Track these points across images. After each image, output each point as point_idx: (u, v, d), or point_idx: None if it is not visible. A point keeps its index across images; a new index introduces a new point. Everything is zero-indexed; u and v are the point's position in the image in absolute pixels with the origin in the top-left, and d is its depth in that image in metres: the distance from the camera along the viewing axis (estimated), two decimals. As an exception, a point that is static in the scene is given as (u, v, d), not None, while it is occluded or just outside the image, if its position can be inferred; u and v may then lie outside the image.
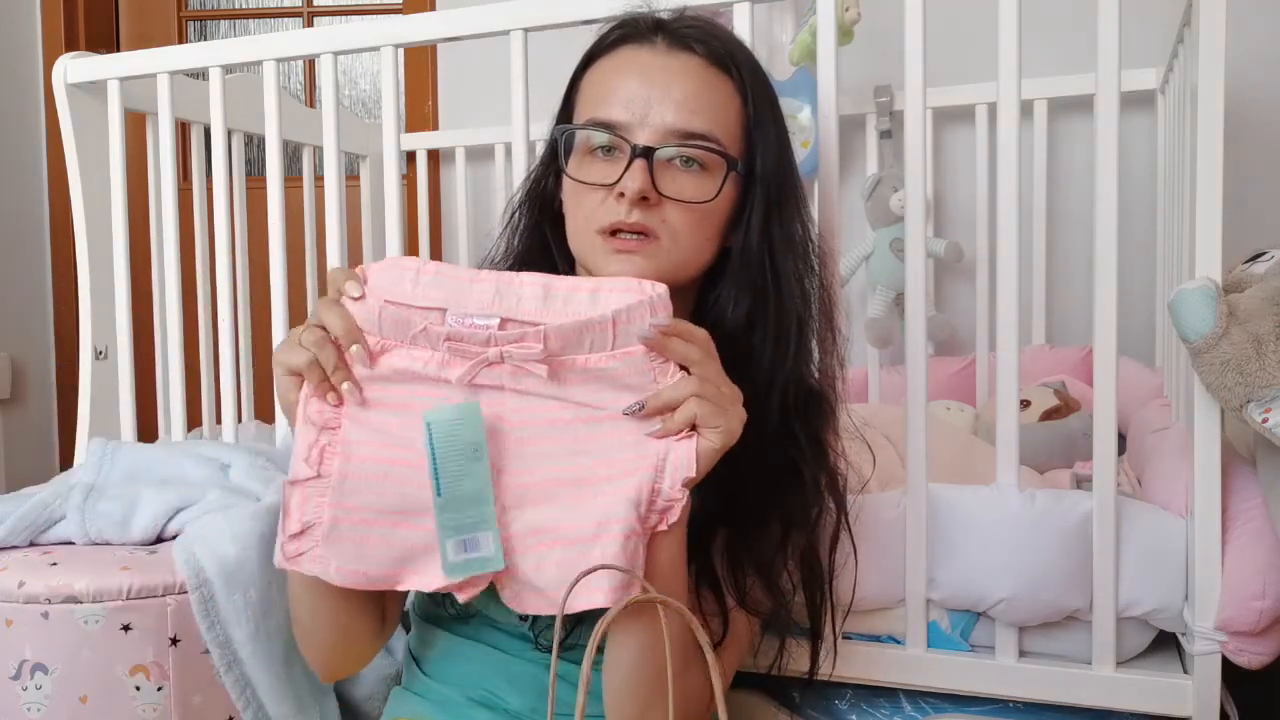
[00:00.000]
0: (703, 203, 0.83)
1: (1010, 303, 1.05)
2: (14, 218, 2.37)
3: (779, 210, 0.88)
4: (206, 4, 2.60)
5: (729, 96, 0.86)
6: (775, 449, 0.87)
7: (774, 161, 0.87)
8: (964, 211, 1.92)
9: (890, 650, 1.10)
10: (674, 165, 0.83)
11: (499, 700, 0.92)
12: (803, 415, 0.89)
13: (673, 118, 0.82)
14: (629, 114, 0.83)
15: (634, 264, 0.83)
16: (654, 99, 0.83)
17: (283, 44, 1.40)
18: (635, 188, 0.81)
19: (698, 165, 0.83)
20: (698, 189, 0.83)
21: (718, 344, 0.86)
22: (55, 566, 1.10)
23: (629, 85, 0.84)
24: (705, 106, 0.83)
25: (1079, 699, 1.04)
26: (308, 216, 1.95)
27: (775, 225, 0.87)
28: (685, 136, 0.82)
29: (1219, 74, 0.96)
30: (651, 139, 0.82)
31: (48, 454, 2.46)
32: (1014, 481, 1.06)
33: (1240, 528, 0.99)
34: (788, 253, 0.88)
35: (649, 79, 0.84)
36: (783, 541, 0.88)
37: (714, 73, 0.85)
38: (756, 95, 0.87)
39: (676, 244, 0.83)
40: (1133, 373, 1.58)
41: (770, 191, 0.87)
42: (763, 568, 0.87)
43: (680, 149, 0.82)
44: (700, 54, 0.85)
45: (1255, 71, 1.76)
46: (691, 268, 0.87)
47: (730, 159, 0.84)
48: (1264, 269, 1.01)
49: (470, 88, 2.29)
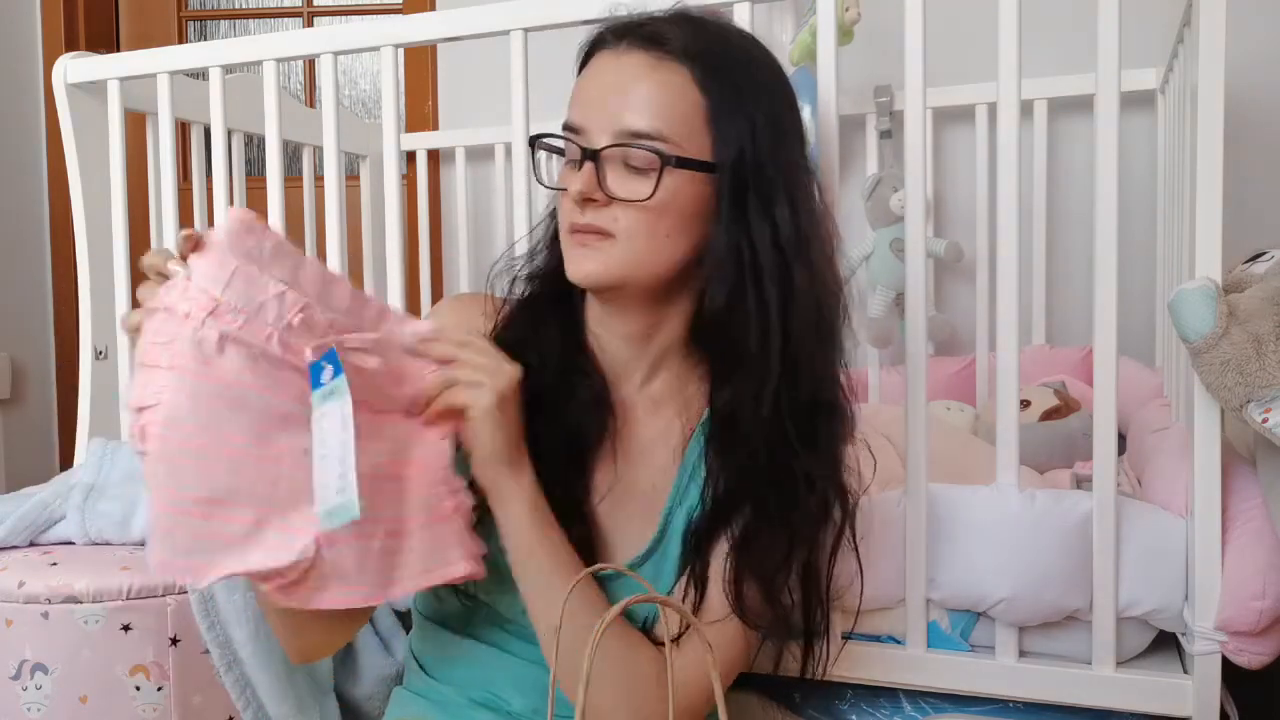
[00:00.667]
0: (642, 201, 0.82)
1: (1010, 303, 1.05)
2: (14, 218, 2.37)
3: (759, 199, 0.85)
4: (206, 4, 2.60)
5: (683, 90, 0.83)
6: (769, 451, 0.86)
7: (744, 151, 0.84)
8: (964, 211, 1.92)
9: (890, 650, 1.10)
10: (623, 165, 0.83)
11: (501, 701, 0.92)
12: (806, 423, 0.87)
13: (618, 119, 0.83)
14: (585, 119, 0.85)
15: (588, 258, 0.85)
16: (605, 101, 0.84)
17: (283, 44, 1.40)
18: (576, 190, 0.83)
19: (643, 164, 0.83)
20: (640, 188, 0.83)
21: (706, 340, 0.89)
22: (55, 566, 1.10)
23: (589, 90, 0.86)
24: (651, 105, 0.82)
25: (1079, 699, 1.04)
26: (308, 216, 1.95)
27: (754, 214, 0.84)
28: (631, 136, 0.83)
29: (1219, 74, 0.96)
30: (601, 141, 0.83)
31: (48, 454, 2.46)
32: (1014, 481, 1.06)
33: (1240, 528, 0.99)
34: (772, 246, 0.85)
35: (604, 82, 0.85)
36: (786, 555, 0.87)
37: (665, 67, 0.83)
38: (721, 85, 0.84)
39: (631, 242, 0.84)
40: (1133, 373, 1.58)
41: (741, 181, 0.84)
42: (765, 578, 0.87)
43: (622, 149, 0.83)
44: (654, 51, 0.84)
45: (1255, 71, 1.76)
46: (654, 265, 0.85)
47: (665, 156, 0.82)
48: (1264, 269, 1.01)
49: (470, 88, 2.29)
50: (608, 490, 0.91)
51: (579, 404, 0.90)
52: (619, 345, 0.92)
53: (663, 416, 0.92)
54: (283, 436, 0.73)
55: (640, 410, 0.93)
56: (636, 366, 0.92)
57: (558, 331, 0.92)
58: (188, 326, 0.70)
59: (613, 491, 0.91)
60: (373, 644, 1.29)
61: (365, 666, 1.28)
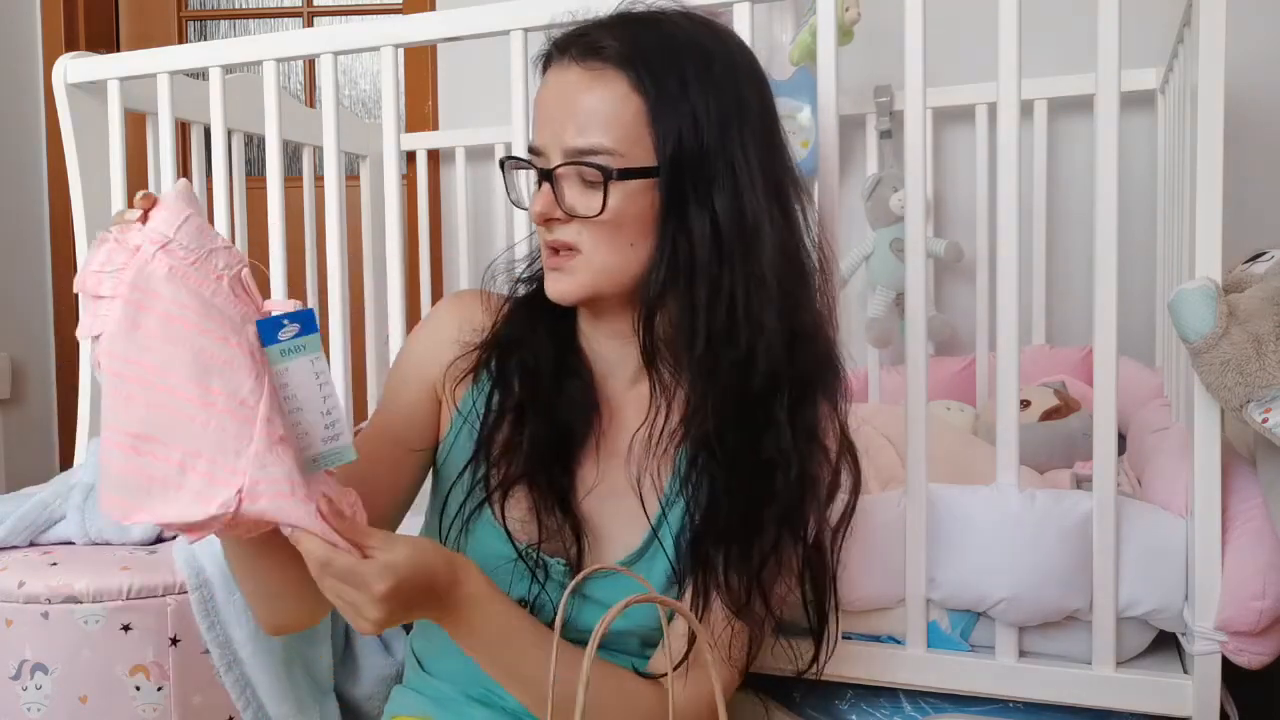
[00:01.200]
0: (594, 216, 0.83)
1: (1010, 303, 1.05)
2: (14, 218, 2.37)
3: (698, 192, 0.84)
4: (206, 4, 2.60)
5: (620, 97, 0.83)
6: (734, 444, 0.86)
7: (681, 144, 0.83)
8: (964, 211, 1.92)
9: (890, 650, 1.10)
10: (579, 181, 0.85)
11: (497, 698, 0.92)
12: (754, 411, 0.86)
13: (566, 138, 0.84)
14: (542, 138, 0.87)
15: (562, 280, 0.87)
16: (555, 121, 0.85)
17: (283, 44, 1.40)
18: (536, 210, 0.86)
19: (592, 179, 0.84)
20: (593, 203, 0.84)
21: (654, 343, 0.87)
22: (55, 566, 1.10)
23: (541, 109, 0.88)
24: (598, 118, 0.83)
25: (1079, 699, 1.04)
26: (308, 216, 1.95)
27: (692, 208, 0.83)
28: (578, 153, 0.84)
29: (1219, 74, 0.96)
30: (553, 160, 0.85)
31: (48, 454, 2.46)
32: (1014, 481, 1.06)
33: (1240, 528, 0.99)
34: (707, 239, 0.83)
35: (553, 101, 0.86)
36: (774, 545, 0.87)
37: (603, 79, 0.83)
38: (658, 83, 0.83)
39: (597, 253, 0.85)
40: (1133, 373, 1.58)
41: (683, 176, 0.84)
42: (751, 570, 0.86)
43: (575, 167, 0.84)
44: (591, 63, 0.84)
45: (1255, 71, 1.76)
46: (622, 276, 0.86)
47: (606, 169, 0.82)
48: (1264, 269, 1.01)
49: (470, 88, 2.29)
50: (594, 485, 0.91)
51: (568, 401, 0.91)
52: (608, 344, 0.93)
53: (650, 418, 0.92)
54: (218, 381, 0.71)
55: (630, 409, 0.93)
56: (624, 366, 0.93)
57: (550, 331, 0.93)
58: (138, 258, 0.70)
59: (599, 488, 0.91)
60: (373, 644, 1.29)
61: (365, 666, 1.28)
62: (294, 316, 0.75)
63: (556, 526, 0.88)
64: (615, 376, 0.94)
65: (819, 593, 0.93)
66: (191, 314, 0.71)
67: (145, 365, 0.70)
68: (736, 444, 0.86)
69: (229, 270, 0.73)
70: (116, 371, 0.71)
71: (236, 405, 0.71)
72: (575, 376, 0.93)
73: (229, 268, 0.73)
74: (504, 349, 0.93)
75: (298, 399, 0.75)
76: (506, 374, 0.92)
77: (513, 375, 0.91)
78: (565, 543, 0.89)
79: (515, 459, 0.89)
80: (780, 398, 0.86)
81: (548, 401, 0.90)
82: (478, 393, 0.93)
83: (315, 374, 0.76)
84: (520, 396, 0.90)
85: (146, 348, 0.70)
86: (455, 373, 0.93)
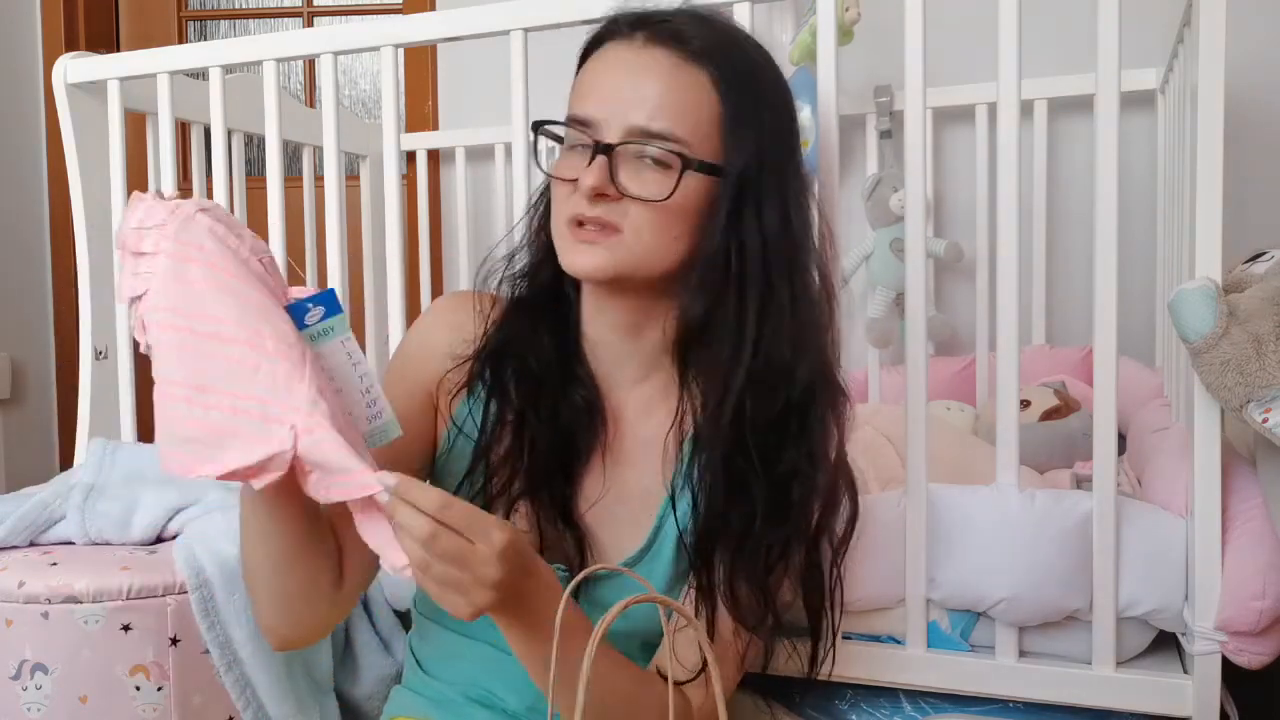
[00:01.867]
0: (660, 200, 0.82)
1: (1010, 303, 1.05)
2: (14, 218, 2.37)
3: (757, 209, 0.85)
4: (206, 4, 2.60)
5: (701, 94, 0.84)
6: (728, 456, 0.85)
7: (749, 160, 0.84)
8: (964, 211, 1.92)
9: (890, 650, 1.10)
10: (639, 162, 0.83)
11: (497, 700, 0.92)
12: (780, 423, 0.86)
13: (636, 116, 0.82)
14: (598, 111, 0.84)
15: (594, 254, 0.83)
16: (621, 96, 0.83)
17: (283, 44, 1.40)
18: (589, 184, 0.82)
19: (660, 163, 0.83)
20: (656, 187, 0.82)
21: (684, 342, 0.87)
22: (55, 566, 1.10)
23: (602, 82, 0.85)
24: (672, 105, 0.82)
25: (1079, 699, 1.04)
26: (308, 216, 1.95)
27: (749, 224, 0.85)
28: (647, 135, 0.82)
29: (1219, 74, 0.96)
30: (615, 136, 0.83)
31: (48, 454, 2.46)
32: (1014, 481, 1.06)
33: (1240, 528, 0.99)
34: (760, 253, 0.85)
35: (619, 76, 0.84)
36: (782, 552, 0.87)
37: (687, 70, 0.83)
38: (738, 92, 0.84)
39: (639, 239, 0.83)
40: (1133, 373, 1.58)
41: (746, 189, 0.85)
42: (756, 576, 0.86)
43: (640, 147, 0.82)
44: (676, 50, 0.84)
45: (1255, 71, 1.76)
46: (656, 265, 0.85)
47: (687, 159, 0.82)
48: (1264, 269, 1.01)
49: (470, 88, 2.29)
50: (598, 498, 0.90)
51: (572, 410, 0.90)
52: (611, 340, 0.91)
53: (655, 419, 0.92)
54: (266, 326, 0.71)
55: (632, 412, 0.92)
56: (629, 364, 0.92)
57: (551, 335, 0.91)
58: (179, 213, 0.71)
59: (604, 498, 0.90)
60: (373, 644, 1.29)
61: (365, 666, 1.28)
62: (317, 299, 0.75)
63: (557, 537, 0.88)
64: (618, 376, 0.92)
65: (816, 607, 0.93)
66: (231, 266, 0.71)
67: (194, 315, 0.70)
68: (761, 453, 0.86)
69: (258, 253, 0.74)
70: (165, 324, 0.70)
71: (286, 347, 0.70)
72: (577, 381, 0.91)
73: (256, 252, 0.74)
74: (498, 356, 0.90)
75: (336, 381, 0.74)
76: (503, 381, 0.89)
77: (509, 382, 0.89)
78: (567, 552, 0.88)
79: (517, 471, 0.87)
80: (811, 411, 0.87)
81: (550, 407, 0.89)
82: (473, 402, 0.91)
83: (348, 354, 0.75)
84: (520, 404, 0.88)
85: (194, 297, 0.70)
86: (448, 386, 0.91)
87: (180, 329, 0.70)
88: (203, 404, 0.70)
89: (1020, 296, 1.05)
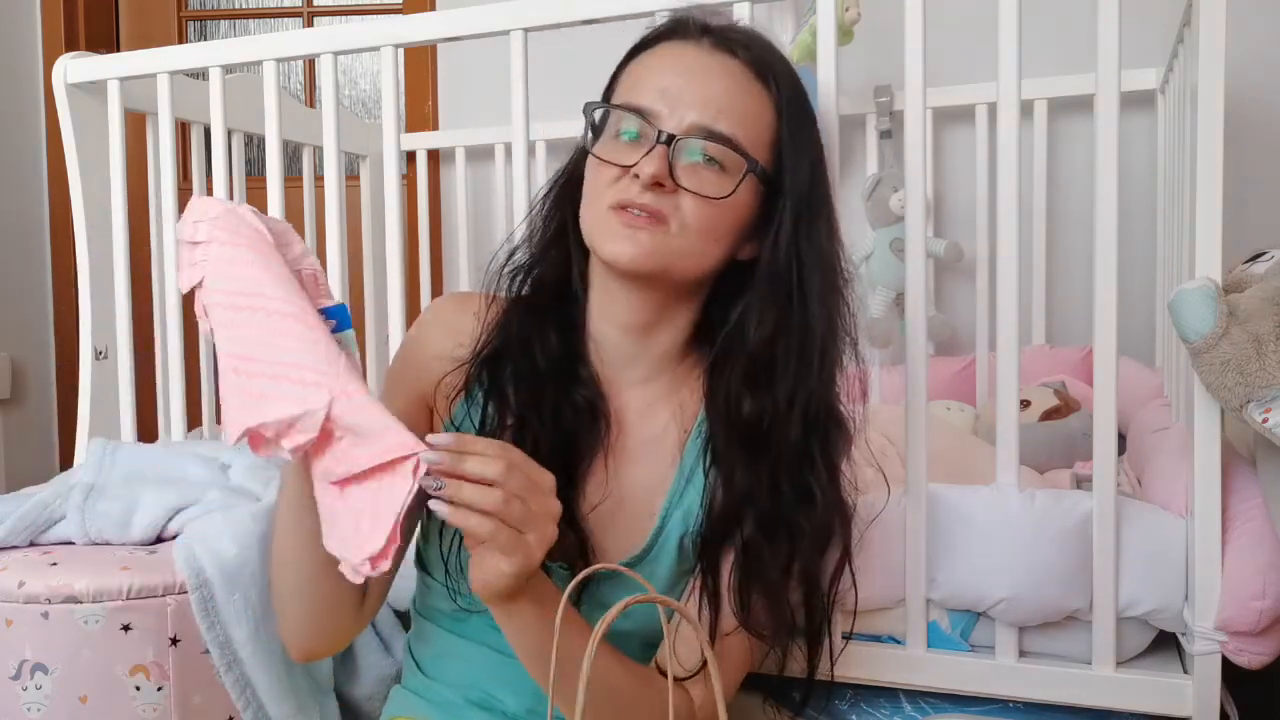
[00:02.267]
0: (717, 198, 0.83)
1: (1010, 303, 1.05)
2: (14, 218, 2.37)
3: (809, 227, 0.87)
4: (206, 4, 2.60)
5: (763, 108, 0.86)
6: (793, 467, 0.87)
7: (806, 180, 0.87)
8: (964, 211, 1.92)
9: (890, 650, 1.10)
10: (696, 159, 0.83)
11: (495, 701, 0.92)
12: (823, 437, 0.88)
13: (700, 114, 0.83)
14: (661, 103, 0.84)
15: (637, 241, 0.82)
16: (687, 93, 0.84)
17: (283, 44, 1.40)
18: (650, 171, 0.81)
19: (718, 164, 0.84)
20: (714, 185, 0.83)
21: (740, 361, 0.87)
22: (55, 566, 1.10)
23: (666, 76, 0.85)
24: (736, 110, 0.84)
25: (1079, 699, 1.04)
26: (308, 216, 1.95)
27: (804, 241, 0.87)
28: (710, 135, 0.83)
29: (1219, 74, 0.96)
30: (677, 129, 0.83)
31: (48, 454, 2.46)
32: (1014, 481, 1.06)
33: (1240, 528, 0.99)
34: (816, 270, 0.87)
35: (686, 73, 0.85)
36: (788, 564, 0.88)
37: (752, 81, 0.86)
38: (792, 112, 0.87)
39: (684, 233, 0.83)
40: (1133, 373, 1.58)
41: (801, 208, 0.87)
42: (769, 587, 0.87)
43: (703, 144, 0.83)
44: (742, 59, 0.86)
45: (1255, 71, 1.76)
46: (692, 265, 0.86)
47: (750, 160, 0.84)
48: (1264, 269, 1.01)
49: (470, 88, 2.29)
50: (601, 499, 0.90)
51: (574, 411, 0.90)
52: (620, 340, 0.91)
53: (658, 419, 0.92)
54: (302, 300, 0.75)
55: (634, 413, 0.92)
56: (635, 365, 0.92)
57: (556, 335, 0.91)
58: (229, 205, 0.76)
59: (606, 500, 0.90)
60: (373, 644, 1.29)
61: (365, 666, 1.27)
62: (330, 312, 0.77)
63: (559, 538, 0.88)
64: (622, 377, 0.92)
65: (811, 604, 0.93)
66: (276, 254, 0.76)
67: (243, 292, 0.74)
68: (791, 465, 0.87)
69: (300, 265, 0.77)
70: (219, 304, 0.75)
71: (318, 319, 0.74)
72: (580, 382, 0.91)
73: (299, 264, 0.77)
74: (495, 359, 0.90)
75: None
76: (500, 384, 0.89)
77: (507, 385, 0.89)
78: (569, 553, 0.87)
79: None
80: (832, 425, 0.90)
81: (553, 408, 0.89)
82: (470, 405, 0.90)
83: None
84: (520, 406, 0.88)
85: (244, 274, 0.74)
86: (446, 389, 0.90)
87: (232, 306, 0.74)
88: (248, 372, 0.73)
89: (1020, 296, 1.05)
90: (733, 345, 0.89)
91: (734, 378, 0.89)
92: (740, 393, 0.88)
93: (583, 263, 0.92)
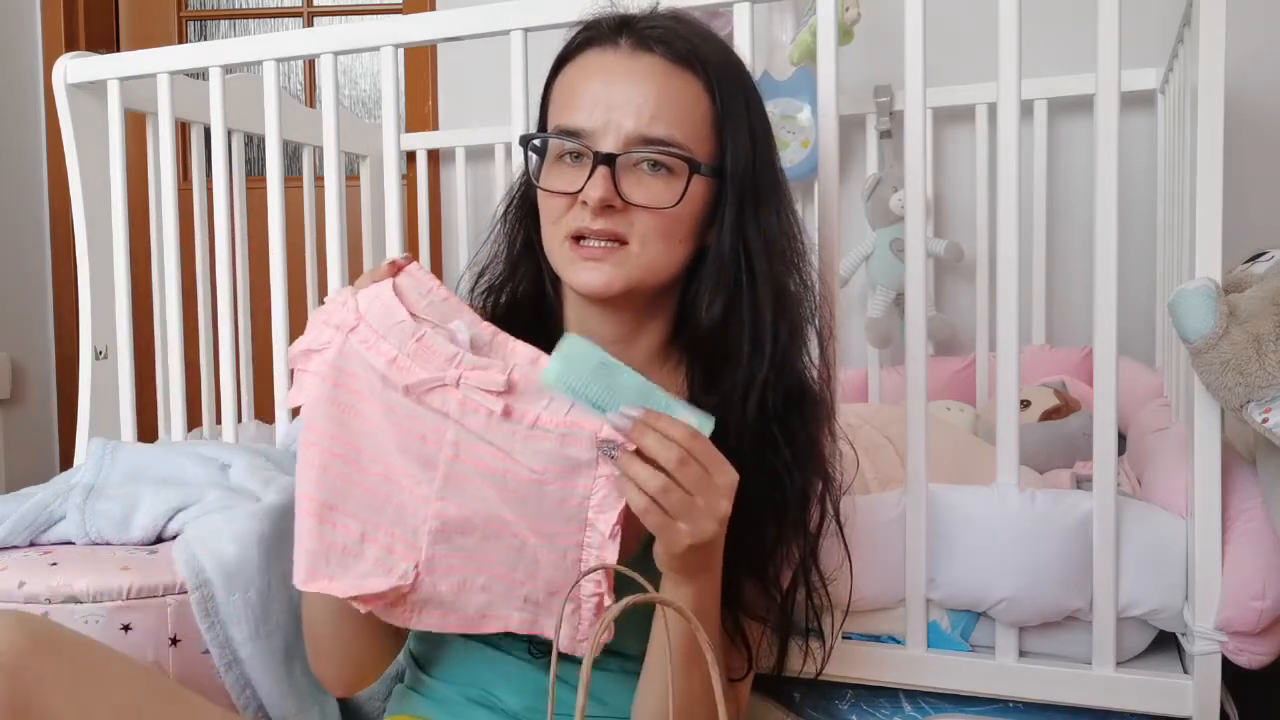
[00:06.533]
0: (669, 207, 0.82)
1: (1010, 303, 1.05)
2: (14, 218, 2.37)
3: (755, 208, 0.86)
4: (206, 4, 2.60)
5: (694, 96, 0.84)
6: (755, 450, 0.85)
7: (746, 158, 0.85)
8: (964, 211, 1.92)
9: (890, 650, 1.10)
10: (640, 169, 0.82)
11: (496, 700, 0.92)
12: (785, 416, 0.87)
13: (634, 123, 0.81)
14: (592, 120, 0.82)
15: (601, 270, 0.82)
16: (616, 104, 0.82)
17: (283, 44, 1.40)
18: (596, 196, 0.80)
19: (664, 169, 0.82)
20: (663, 194, 0.82)
21: (697, 344, 0.87)
22: (55, 566, 1.10)
23: (592, 90, 0.83)
24: (668, 110, 0.82)
25: (1079, 699, 1.04)
26: (308, 216, 1.95)
27: (750, 223, 0.85)
28: (647, 142, 0.81)
29: (1219, 74, 0.96)
30: (614, 145, 0.81)
31: (48, 454, 2.46)
32: (1014, 481, 1.06)
33: (1240, 528, 0.99)
34: (764, 251, 0.85)
35: (611, 84, 0.83)
36: (774, 545, 0.87)
37: (678, 73, 0.83)
38: (726, 91, 0.84)
39: (645, 249, 0.83)
40: (1133, 373, 1.58)
41: (744, 189, 0.85)
42: (756, 570, 0.87)
43: (644, 153, 0.82)
44: (663, 55, 0.83)
45: (1255, 71, 1.76)
46: (663, 271, 0.85)
47: (693, 162, 0.82)
48: (1264, 269, 1.01)
49: (470, 88, 2.29)
50: None
51: None
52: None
53: None
54: (399, 459, 0.75)
55: None
56: None
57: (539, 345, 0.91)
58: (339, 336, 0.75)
59: None
60: (373, 644, 1.29)
61: (365, 666, 1.27)
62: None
63: None
64: None
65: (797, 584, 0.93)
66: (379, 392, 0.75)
67: (336, 439, 0.75)
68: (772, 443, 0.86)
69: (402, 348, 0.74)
70: (308, 442, 0.76)
71: (414, 483, 0.75)
72: None
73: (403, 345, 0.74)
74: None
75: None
76: None
77: None
78: None
79: None
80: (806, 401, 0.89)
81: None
82: None
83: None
84: None
85: (339, 422, 0.75)
86: None
87: (322, 449, 0.75)
88: (330, 521, 0.76)
89: (1020, 296, 1.05)
90: (694, 335, 0.89)
91: (696, 367, 0.89)
92: (703, 382, 0.88)
93: (555, 273, 0.91)
